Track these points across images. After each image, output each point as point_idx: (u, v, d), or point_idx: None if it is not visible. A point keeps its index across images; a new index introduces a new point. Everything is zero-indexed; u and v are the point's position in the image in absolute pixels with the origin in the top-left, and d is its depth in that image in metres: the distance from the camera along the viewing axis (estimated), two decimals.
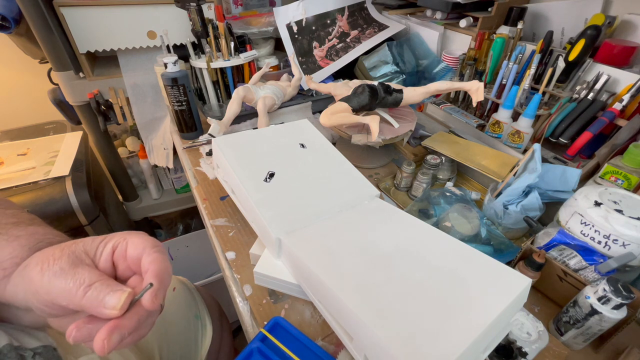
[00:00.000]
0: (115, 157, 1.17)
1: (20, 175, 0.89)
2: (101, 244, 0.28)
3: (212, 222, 0.57)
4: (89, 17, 0.83)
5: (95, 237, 0.29)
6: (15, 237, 0.29)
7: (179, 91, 0.72)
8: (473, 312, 0.32)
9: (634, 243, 0.41)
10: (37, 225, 0.32)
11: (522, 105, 0.72)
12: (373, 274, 0.37)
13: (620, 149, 0.57)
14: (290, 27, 0.94)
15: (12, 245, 0.28)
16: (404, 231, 0.44)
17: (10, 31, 0.81)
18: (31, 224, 0.32)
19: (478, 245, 0.51)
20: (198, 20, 0.80)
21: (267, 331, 0.35)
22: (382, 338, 0.29)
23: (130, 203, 1.28)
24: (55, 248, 0.27)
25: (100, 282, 0.25)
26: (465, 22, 0.84)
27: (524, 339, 0.38)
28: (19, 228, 0.30)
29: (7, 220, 0.31)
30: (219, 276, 1.11)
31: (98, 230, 0.97)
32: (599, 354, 0.42)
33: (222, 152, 0.51)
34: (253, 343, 0.33)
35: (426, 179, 0.62)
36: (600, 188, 0.47)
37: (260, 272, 0.44)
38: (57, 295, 0.25)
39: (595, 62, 0.65)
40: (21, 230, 0.30)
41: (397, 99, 0.66)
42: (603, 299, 0.37)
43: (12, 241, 0.29)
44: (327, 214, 0.47)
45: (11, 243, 0.29)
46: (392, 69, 0.96)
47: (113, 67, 0.96)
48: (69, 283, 0.24)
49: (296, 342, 0.35)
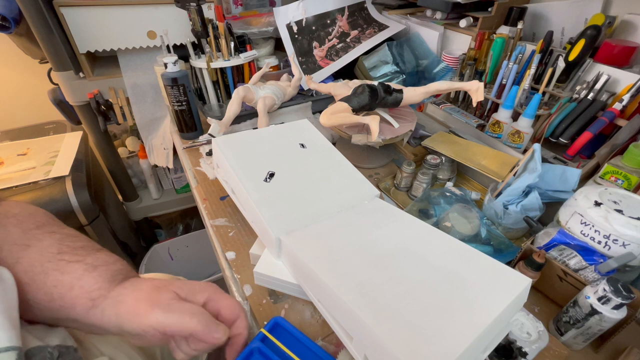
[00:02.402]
0: (115, 157, 1.17)
1: (20, 175, 0.89)
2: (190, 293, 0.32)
3: (212, 222, 0.57)
4: (89, 17, 0.83)
5: (184, 282, 0.33)
6: (93, 267, 0.32)
7: (179, 91, 0.72)
8: (473, 312, 0.32)
9: (634, 243, 0.41)
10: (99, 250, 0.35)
11: (522, 105, 0.72)
12: (373, 274, 0.37)
13: (620, 149, 0.57)
14: (290, 27, 0.94)
15: (93, 275, 0.31)
16: (404, 231, 0.44)
17: (11, 31, 0.81)
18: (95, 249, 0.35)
19: (478, 245, 0.51)
20: (198, 20, 0.80)
21: (267, 331, 0.35)
22: (382, 338, 0.29)
23: (130, 203, 1.28)
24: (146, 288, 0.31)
25: (209, 315, 0.31)
26: (465, 22, 0.84)
27: (524, 339, 0.38)
28: (91, 255, 0.33)
29: (74, 244, 0.34)
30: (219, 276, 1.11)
31: (98, 230, 0.97)
32: (599, 354, 0.42)
33: (222, 152, 0.51)
34: (253, 343, 0.33)
35: (426, 179, 0.62)
36: (600, 188, 0.47)
37: (260, 272, 0.44)
38: (168, 325, 0.29)
39: (595, 62, 0.65)
40: (96, 259, 0.33)
41: (397, 99, 0.66)
42: (603, 299, 0.37)
43: (92, 271, 0.32)
44: (327, 214, 0.47)
45: (92, 273, 0.32)
46: (392, 69, 0.96)
47: (113, 67, 0.96)
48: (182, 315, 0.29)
49: (296, 342, 0.35)
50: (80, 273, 0.31)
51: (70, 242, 0.34)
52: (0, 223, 0.34)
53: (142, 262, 1.17)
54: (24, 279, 0.30)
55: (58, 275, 0.31)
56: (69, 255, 0.32)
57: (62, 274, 0.31)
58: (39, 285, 0.30)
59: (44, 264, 0.31)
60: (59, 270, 0.31)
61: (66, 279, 0.31)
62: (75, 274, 0.31)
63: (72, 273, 0.31)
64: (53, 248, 0.33)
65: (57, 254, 0.32)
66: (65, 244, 0.33)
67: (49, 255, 0.32)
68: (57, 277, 0.31)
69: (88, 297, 0.30)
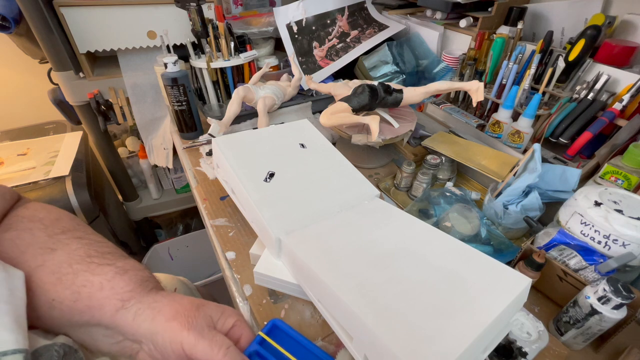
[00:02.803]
0: (115, 157, 1.17)
1: (20, 175, 0.89)
2: (222, 317, 0.33)
3: (212, 222, 0.57)
4: (89, 17, 0.83)
5: (217, 305, 0.34)
6: (124, 270, 0.33)
7: (179, 91, 0.72)
8: (473, 312, 0.32)
9: (634, 243, 0.41)
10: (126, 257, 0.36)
11: (522, 105, 0.72)
12: (373, 273, 0.37)
13: (620, 149, 0.57)
14: (290, 27, 0.94)
15: (124, 278, 0.32)
16: (404, 231, 0.44)
17: (11, 31, 0.82)
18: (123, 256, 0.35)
19: (478, 245, 0.51)
20: (198, 20, 0.80)
21: (265, 334, 0.35)
22: (382, 338, 0.29)
23: (130, 203, 1.28)
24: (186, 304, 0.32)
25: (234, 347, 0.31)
26: (465, 22, 0.84)
27: (524, 339, 0.38)
28: (120, 260, 0.34)
29: (102, 249, 0.34)
30: (219, 276, 1.11)
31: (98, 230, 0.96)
32: (599, 354, 0.42)
33: (222, 152, 0.51)
34: (251, 347, 0.33)
35: (426, 179, 0.62)
36: (600, 188, 0.47)
37: (260, 272, 0.44)
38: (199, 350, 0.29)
39: (595, 62, 0.65)
40: (125, 264, 0.34)
41: (397, 99, 0.66)
42: (603, 299, 0.37)
43: (123, 274, 0.32)
44: (327, 214, 0.47)
45: (123, 276, 0.32)
46: (392, 69, 0.96)
47: (113, 67, 0.96)
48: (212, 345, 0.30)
49: (295, 343, 0.35)
50: (111, 275, 0.32)
51: (97, 247, 0.34)
52: (26, 227, 0.34)
53: (142, 262, 1.17)
54: (50, 280, 0.30)
55: (89, 275, 0.31)
56: (99, 258, 0.33)
57: (93, 275, 0.31)
58: (66, 284, 0.30)
59: (72, 265, 0.31)
60: (90, 271, 0.31)
61: (96, 280, 0.31)
62: (106, 276, 0.32)
63: (103, 275, 0.32)
64: (81, 251, 0.33)
65: (87, 257, 0.33)
66: (93, 248, 0.34)
67: (77, 257, 0.32)
68: (87, 277, 0.31)
69: (119, 298, 0.31)
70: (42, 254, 0.32)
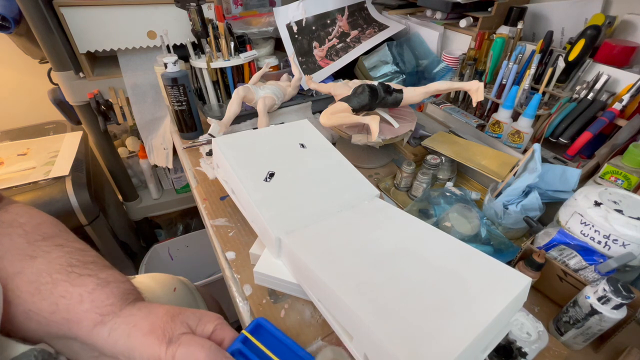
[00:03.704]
0: (115, 157, 1.17)
1: (20, 175, 0.89)
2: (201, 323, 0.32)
3: (212, 222, 0.57)
4: (89, 17, 0.83)
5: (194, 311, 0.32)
6: (106, 282, 0.31)
7: (179, 91, 0.72)
8: (473, 311, 0.32)
9: (634, 243, 0.41)
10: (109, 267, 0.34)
11: (522, 105, 0.72)
12: (373, 273, 0.37)
13: (620, 149, 0.57)
14: (290, 27, 0.94)
15: (105, 291, 0.31)
16: (404, 231, 0.44)
17: (11, 31, 0.81)
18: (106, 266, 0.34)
19: (478, 245, 0.51)
20: (198, 20, 0.80)
21: (248, 332, 0.34)
22: (382, 337, 0.29)
23: (130, 203, 1.28)
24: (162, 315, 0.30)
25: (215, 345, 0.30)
26: (465, 22, 0.84)
27: (524, 339, 0.38)
28: (103, 271, 0.33)
29: (84, 258, 0.33)
30: (219, 276, 1.11)
31: (98, 230, 0.97)
32: (599, 354, 0.42)
33: (222, 152, 0.51)
34: (234, 345, 0.32)
35: (426, 179, 0.62)
36: (600, 188, 0.47)
37: (260, 272, 0.44)
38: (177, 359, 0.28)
39: (595, 62, 0.65)
40: (108, 275, 0.32)
41: (397, 99, 0.66)
42: (603, 299, 0.37)
43: (105, 287, 0.31)
44: (327, 214, 0.47)
45: (104, 289, 0.31)
46: (392, 69, 0.96)
47: (113, 67, 0.96)
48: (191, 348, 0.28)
49: (278, 343, 0.35)
50: (92, 287, 0.30)
51: (79, 256, 0.33)
52: (5, 232, 0.32)
53: (142, 262, 1.17)
54: (29, 289, 0.29)
55: (68, 286, 0.30)
56: (80, 268, 0.32)
57: (73, 285, 0.30)
58: (44, 295, 0.29)
59: (52, 274, 0.30)
60: (70, 282, 0.30)
61: (76, 291, 0.30)
62: (87, 287, 0.30)
63: (83, 286, 0.30)
64: (62, 260, 0.32)
65: (67, 266, 0.31)
66: (75, 257, 0.33)
67: (57, 266, 0.31)
68: (66, 288, 0.30)
69: (98, 312, 0.29)
70: (21, 260, 0.31)
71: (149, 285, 0.53)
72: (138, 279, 0.55)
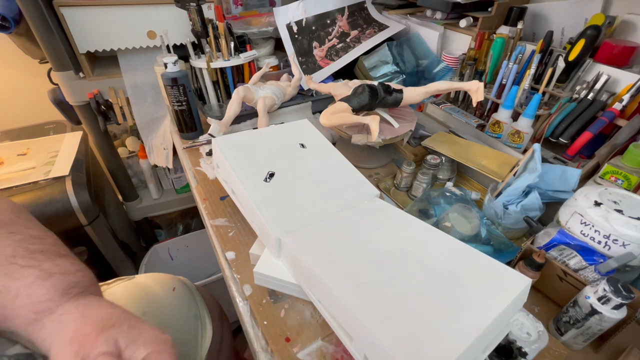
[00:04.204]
0: (115, 157, 1.17)
1: (20, 175, 0.89)
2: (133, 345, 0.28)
3: (212, 222, 0.57)
4: (89, 17, 0.83)
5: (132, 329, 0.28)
6: (49, 274, 0.29)
7: (179, 91, 0.72)
8: (473, 312, 0.32)
9: (634, 243, 0.41)
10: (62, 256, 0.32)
11: (522, 105, 0.72)
12: (373, 274, 0.37)
13: (620, 149, 0.57)
14: (290, 27, 0.94)
15: (44, 285, 0.29)
16: (404, 231, 0.44)
17: (10, 31, 0.81)
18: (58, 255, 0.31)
19: (478, 245, 0.51)
20: (198, 20, 0.80)
21: None
22: (382, 338, 0.29)
23: (130, 203, 1.28)
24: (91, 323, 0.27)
25: None
26: (465, 22, 0.84)
27: (524, 339, 0.38)
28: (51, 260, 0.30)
29: (34, 247, 0.31)
30: (219, 276, 1.11)
31: (98, 230, 0.97)
32: (599, 354, 0.42)
33: (222, 152, 0.51)
34: None
35: (426, 179, 0.62)
36: (600, 188, 0.47)
37: (260, 272, 0.44)
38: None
39: (595, 62, 0.65)
40: (54, 265, 0.30)
41: (397, 99, 0.66)
42: (603, 299, 0.37)
43: (45, 280, 0.29)
44: (327, 214, 0.47)
45: (44, 282, 0.29)
46: (392, 69, 0.96)
47: (113, 67, 0.96)
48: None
49: None
50: (31, 280, 0.28)
51: (29, 244, 0.31)
52: None
53: (142, 262, 1.17)
54: None
55: (7, 280, 0.28)
56: (24, 259, 0.29)
57: (12, 279, 0.28)
58: None
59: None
60: (9, 275, 0.28)
61: (13, 285, 0.28)
62: (25, 281, 0.28)
63: (22, 279, 0.28)
64: (7, 249, 0.30)
65: (11, 256, 0.29)
66: (23, 246, 0.30)
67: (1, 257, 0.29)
68: (4, 282, 0.28)
69: (33, 309, 0.27)
70: None
71: (148, 285, 0.53)
72: (138, 279, 0.55)
